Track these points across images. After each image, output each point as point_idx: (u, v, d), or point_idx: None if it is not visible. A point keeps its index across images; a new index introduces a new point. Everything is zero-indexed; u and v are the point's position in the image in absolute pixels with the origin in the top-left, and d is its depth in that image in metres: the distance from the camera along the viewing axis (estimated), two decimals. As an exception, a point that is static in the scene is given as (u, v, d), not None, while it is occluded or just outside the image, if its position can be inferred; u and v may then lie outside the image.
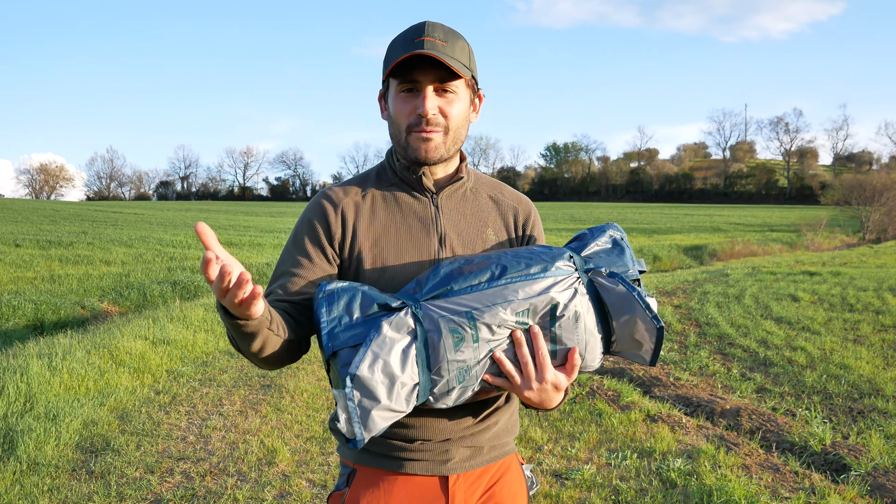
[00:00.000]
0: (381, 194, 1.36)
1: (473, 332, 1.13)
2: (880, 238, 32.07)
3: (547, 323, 1.17)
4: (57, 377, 5.16)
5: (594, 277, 1.21)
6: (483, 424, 1.33)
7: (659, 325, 1.16)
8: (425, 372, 1.13)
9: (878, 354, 6.42)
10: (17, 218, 28.01)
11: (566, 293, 1.17)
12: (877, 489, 3.42)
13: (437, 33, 1.25)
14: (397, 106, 1.29)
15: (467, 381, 1.15)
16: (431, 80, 1.26)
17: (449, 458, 1.30)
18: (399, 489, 1.30)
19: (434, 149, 1.29)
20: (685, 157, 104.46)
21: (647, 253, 22.01)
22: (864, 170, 74.06)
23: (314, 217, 1.34)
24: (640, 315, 1.17)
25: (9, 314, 9.05)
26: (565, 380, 1.19)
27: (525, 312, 1.15)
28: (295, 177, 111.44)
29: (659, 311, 8.88)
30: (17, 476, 3.61)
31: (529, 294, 1.15)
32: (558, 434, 4.32)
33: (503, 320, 1.14)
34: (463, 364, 1.14)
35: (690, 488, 3.43)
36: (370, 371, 1.09)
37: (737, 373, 5.92)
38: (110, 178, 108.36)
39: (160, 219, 32.76)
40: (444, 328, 1.13)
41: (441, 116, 1.28)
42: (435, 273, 1.20)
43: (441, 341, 1.12)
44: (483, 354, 1.15)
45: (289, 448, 4.07)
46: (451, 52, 1.25)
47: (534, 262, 1.19)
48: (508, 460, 1.39)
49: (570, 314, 1.17)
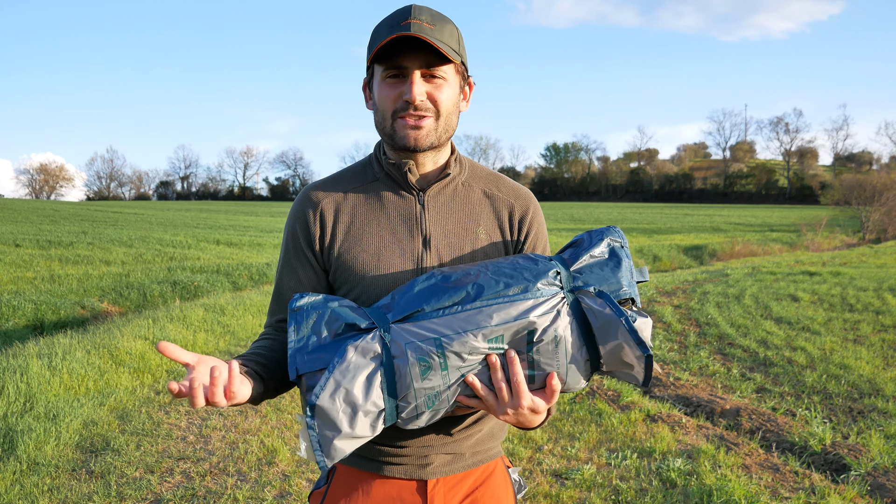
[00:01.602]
0: (363, 191, 1.30)
1: (442, 360, 1.08)
2: (880, 238, 32.05)
3: (524, 347, 1.10)
4: (57, 377, 5.16)
5: (581, 298, 1.13)
6: (466, 432, 1.30)
7: (646, 353, 1.10)
8: (391, 399, 1.09)
9: (878, 354, 6.42)
10: (17, 218, 28.01)
11: (546, 317, 1.10)
12: (877, 489, 3.42)
13: (425, 16, 1.18)
14: (382, 92, 1.22)
15: (438, 405, 1.11)
16: (419, 64, 1.19)
17: (428, 462, 1.27)
18: (377, 491, 1.28)
19: (425, 135, 1.22)
20: (685, 157, 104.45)
21: (647, 253, 22.00)
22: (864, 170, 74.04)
23: (296, 223, 1.31)
24: (626, 341, 1.10)
25: (9, 314, 9.05)
26: (543, 404, 1.13)
27: (499, 338, 1.09)
28: (295, 177, 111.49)
29: (658, 311, 8.93)
30: (17, 476, 3.61)
31: (505, 319, 1.08)
32: (558, 434, 4.32)
33: (474, 348, 1.08)
34: (431, 391, 1.09)
35: (690, 488, 3.43)
36: (331, 400, 1.06)
37: (737, 373, 5.92)
38: (110, 178, 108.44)
39: (160, 219, 32.76)
40: (412, 356, 1.08)
41: (430, 102, 1.21)
42: (409, 290, 1.14)
43: (408, 369, 1.08)
44: (454, 380, 1.10)
45: (289, 448, 4.07)
46: (439, 36, 1.18)
47: (514, 281, 1.11)
48: (493, 464, 1.35)
49: (549, 338, 1.10)
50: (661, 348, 6.88)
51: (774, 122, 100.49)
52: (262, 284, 12.77)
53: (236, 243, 21.46)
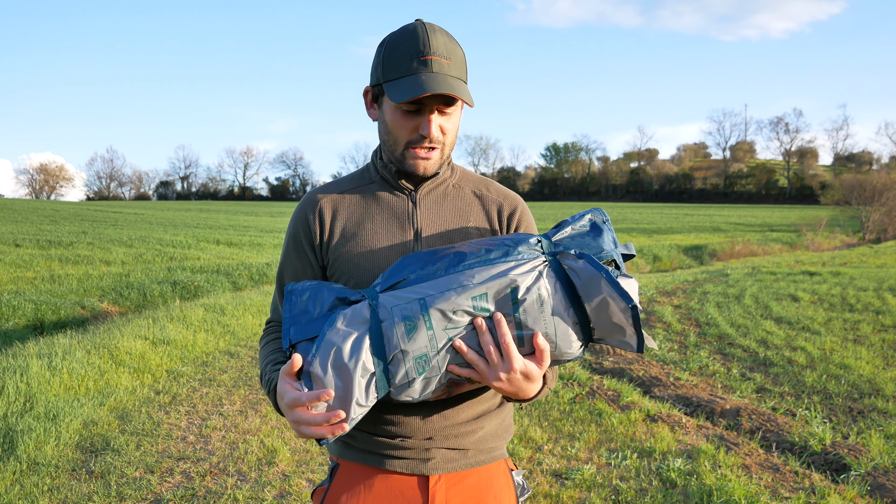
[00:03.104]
0: (360, 192, 1.37)
1: (426, 319, 1.10)
2: (880, 238, 32.07)
3: (510, 308, 1.11)
4: (57, 377, 5.16)
5: (562, 260, 1.15)
6: (469, 427, 1.30)
7: (630, 303, 1.09)
8: (379, 362, 1.11)
9: (878, 354, 6.43)
10: (17, 218, 28.01)
11: (528, 276, 1.12)
12: (877, 489, 3.42)
13: (440, 48, 1.21)
14: (397, 120, 1.26)
15: (429, 371, 1.12)
16: (438, 102, 1.23)
17: (430, 457, 1.28)
18: (379, 485, 1.29)
19: (434, 165, 1.30)
20: (685, 157, 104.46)
21: (647, 253, 22.00)
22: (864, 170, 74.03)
23: (298, 225, 1.37)
24: (610, 294, 1.10)
25: (9, 314, 9.05)
26: (536, 369, 1.13)
27: (482, 297, 1.10)
28: (295, 177, 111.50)
29: (658, 311, 8.93)
30: (17, 476, 3.61)
31: (486, 277, 1.11)
32: (558, 434, 4.32)
33: (458, 305, 1.10)
34: (420, 353, 1.10)
35: (690, 488, 3.43)
36: (323, 366, 1.09)
37: (737, 373, 5.92)
38: (110, 178, 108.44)
39: (160, 219, 32.76)
40: (397, 316, 1.11)
41: (441, 134, 1.27)
42: (395, 264, 1.19)
43: (394, 330, 1.10)
44: (442, 343, 1.11)
45: (289, 448, 4.07)
46: (456, 73, 1.23)
47: (495, 247, 1.15)
48: (497, 466, 1.36)
49: (534, 297, 1.11)
50: (662, 348, 6.88)
51: (774, 122, 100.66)
52: (262, 284, 12.78)
53: (236, 243, 21.46)
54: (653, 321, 8.46)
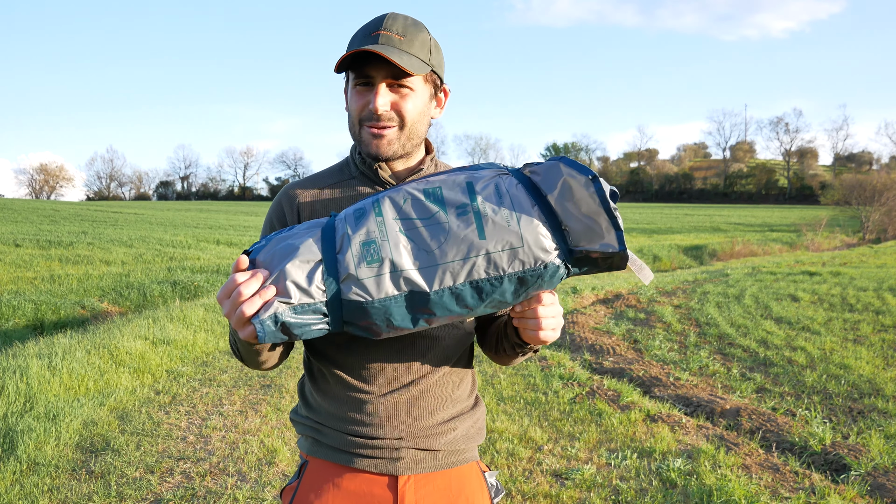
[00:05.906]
0: (339, 187, 1.36)
1: (376, 207, 1.08)
2: (880, 238, 32.06)
3: (465, 199, 1.07)
4: (57, 377, 5.16)
5: (522, 170, 1.13)
6: (440, 428, 1.30)
7: (590, 174, 1.04)
8: (328, 252, 1.06)
9: (878, 354, 6.43)
10: (17, 218, 28.01)
11: (486, 172, 1.11)
12: (877, 489, 3.42)
13: (396, 26, 1.22)
14: (352, 99, 1.27)
15: (380, 265, 1.05)
16: (385, 75, 1.22)
17: (399, 457, 1.27)
18: (348, 484, 1.29)
19: (387, 144, 1.27)
20: (685, 157, 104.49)
21: (647, 253, 22.00)
22: (864, 170, 74.12)
23: (273, 217, 1.37)
24: (569, 174, 1.05)
25: (9, 314, 9.05)
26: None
27: (436, 190, 1.08)
28: (295, 177, 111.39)
29: (659, 311, 8.94)
30: (17, 476, 3.61)
31: (442, 178, 1.11)
32: (558, 434, 4.32)
33: (408, 195, 1.09)
34: (367, 239, 1.06)
35: (690, 488, 3.43)
36: (265, 255, 1.08)
37: (737, 373, 5.92)
38: (110, 178, 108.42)
39: (160, 219, 32.76)
40: (349, 212, 1.11)
41: (394, 112, 1.25)
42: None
43: (344, 222, 1.09)
44: (392, 233, 1.06)
45: (289, 448, 4.07)
46: (407, 48, 1.21)
47: (460, 170, 1.15)
48: (469, 468, 1.36)
49: (491, 190, 1.07)
50: (661, 348, 6.89)
51: (774, 122, 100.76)
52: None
53: (236, 243, 21.46)
54: (653, 321, 8.46)
